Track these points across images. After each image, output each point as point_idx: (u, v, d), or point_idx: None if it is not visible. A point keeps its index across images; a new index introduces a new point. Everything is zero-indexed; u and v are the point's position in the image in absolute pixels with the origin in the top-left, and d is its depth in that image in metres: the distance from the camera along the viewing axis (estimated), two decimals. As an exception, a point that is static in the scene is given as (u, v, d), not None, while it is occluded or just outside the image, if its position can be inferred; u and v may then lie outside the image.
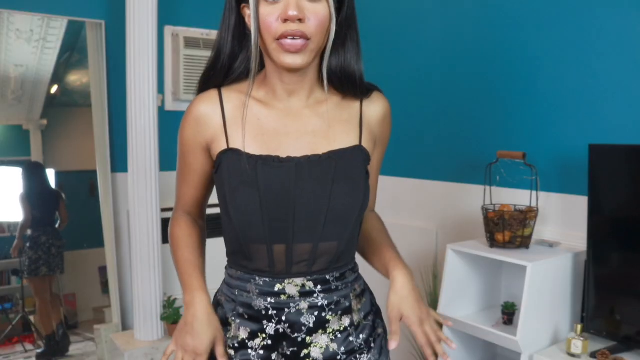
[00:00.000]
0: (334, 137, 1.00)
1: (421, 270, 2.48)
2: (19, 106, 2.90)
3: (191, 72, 3.00)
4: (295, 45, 0.91)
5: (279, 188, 0.95)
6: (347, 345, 1.01)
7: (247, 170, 0.95)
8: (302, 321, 0.99)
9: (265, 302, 0.99)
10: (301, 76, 0.98)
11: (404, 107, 2.62)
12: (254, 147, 0.98)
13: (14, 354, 2.80)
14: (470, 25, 2.31)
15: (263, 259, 0.98)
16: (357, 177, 0.99)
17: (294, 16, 0.89)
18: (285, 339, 0.99)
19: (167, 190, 3.00)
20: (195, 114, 1.02)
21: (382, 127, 1.07)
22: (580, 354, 1.64)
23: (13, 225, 2.92)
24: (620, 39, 1.82)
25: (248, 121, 0.99)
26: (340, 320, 1.01)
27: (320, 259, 0.98)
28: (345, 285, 1.03)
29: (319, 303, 0.99)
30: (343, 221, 0.98)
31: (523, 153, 1.93)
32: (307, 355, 0.99)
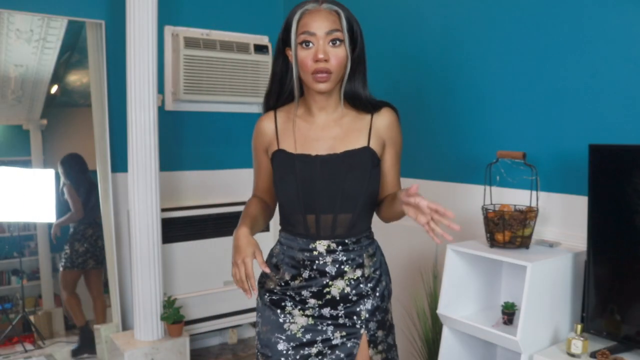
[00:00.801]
0: (348, 140, 1.40)
1: (421, 270, 2.48)
2: (19, 106, 2.89)
3: (191, 72, 3.00)
4: (323, 77, 1.33)
5: (308, 176, 1.37)
6: (358, 290, 1.40)
7: (289, 164, 1.39)
8: (326, 270, 1.39)
9: (303, 255, 1.40)
10: (327, 97, 1.41)
11: (404, 107, 2.62)
12: (294, 148, 1.41)
13: (14, 354, 2.80)
14: (470, 25, 2.31)
15: (300, 225, 1.40)
16: (363, 168, 1.38)
17: (322, 58, 1.31)
18: (315, 281, 1.39)
19: (167, 190, 3.01)
20: (259, 128, 1.48)
21: (390, 132, 1.45)
22: (580, 354, 1.64)
23: (13, 225, 2.92)
24: (620, 39, 1.82)
25: (291, 131, 1.43)
26: (354, 271, 1.40)
27: (339, 227, 1.38)
28: (360, 247, 1.42)
29: (339, 258, 1.39)
30: (353, 198, 1.37)
31: (523, 153, 1.93)
32: (328, 292, 1.39)
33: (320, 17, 1.32)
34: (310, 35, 1.32)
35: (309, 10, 1.34)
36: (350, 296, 1.40)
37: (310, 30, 1.32)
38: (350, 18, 1.36)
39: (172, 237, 2.96)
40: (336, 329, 1.40)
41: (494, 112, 2.23)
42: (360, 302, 1.41)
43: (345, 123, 1.42)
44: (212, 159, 3.27)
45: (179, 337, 2.67)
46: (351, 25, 1.35)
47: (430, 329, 2.32)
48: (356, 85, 1.41)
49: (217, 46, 3.06)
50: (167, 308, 2.66)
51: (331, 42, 1.32)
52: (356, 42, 1.37)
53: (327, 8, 1.34)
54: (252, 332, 3.48)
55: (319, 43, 1.32)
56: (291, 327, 1.40)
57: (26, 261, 2.98)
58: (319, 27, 1.31)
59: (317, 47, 1.32)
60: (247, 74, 3.17)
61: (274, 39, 3.37)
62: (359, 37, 1.38)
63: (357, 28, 1.38)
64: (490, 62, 2.23)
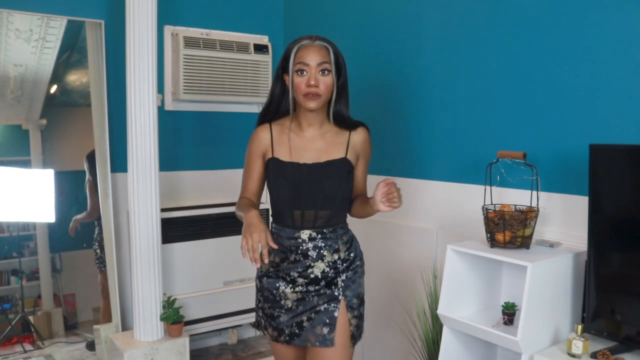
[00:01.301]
0: (330, 152, 1.74)
1: (421, 270, 2.48)
2: (18, 106, 2.89)
3: (191, 71, 3.00)
4: (313, 98, 1.66)
5: (297, 179, 1.70)
6: (336, 270, 1.75)
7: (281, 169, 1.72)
8: (309, 254, 1.73)
9: (289, 242, 1.74)
10: (315, 115, 1.73)
11: (404, 107, 2.62)
12: (286, 157, 1.73)
13: (13, 354, 2.80)
14: (470, 26, 2.31)
15: (288, 218, 1.74)
16: (340, 175, 1.73)
17: (313, 84, 1.65)
18: (299, 263, 1.73)
19: (166, 190, 3.00)
20: (258, 136, 1.78)
21: (363, 147, 1.80)
22: (581, 354, 1.64)
23: (13, 225, 2.92)
24: (620, 39, 1.82)
25: (284, 142, 1.75)
26: (332, 255, 1.74)
27: (319, 220, 1.73)
28: (336, 236, 1.75)
29: (319, 244, 1.73)
30: (331, 199, 1.72)
31: (523, 153, 1.93)
32: (311, 272, 1.73)
33: (313, 51, 1.66)
34: (305, 66, 1.65)
35: (305, 45, 1.67)
36: (329, 274, 1.74)
37: (304, 61, 1.65)
38: (337, 53, 1.69)
39: (172, 237, 2.96)
40: (320, 298, 1.73)
41: (494, 112, 2.23)
42: (337, 276, 1.75)
43: (329, 137, 1.76)
44: (212, 159, 3.26)
45: (179, 337, 2.66)
46: (337, 58, 1.69)
47: (430, 329, 2.32)
48: (341, 107, 1.75)
49: (217, 46, 3.06)
50: (167, 308, 2.66)
51: (321, 71, 1.66)
52: (341, 73, 1.71)
53: (319, 44, 1.67)
54: (252, 333, 3.48)
55: (311, 72, 1.65)
56: (286, 302, 1.75)
57: (25, 261, 2.98)
58: (311, 59, 1.65)
59: (310, 75, 1.65)
60: (246, 73, 3.17)
61: (273, 39, 3.38)
62: (343, 69, 1.72)
63: (342, 61, 1.72)
64: (491, 62, 2.23)
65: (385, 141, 2.70)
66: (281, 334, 1.76)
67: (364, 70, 2.80)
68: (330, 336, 1.70)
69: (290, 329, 1.75)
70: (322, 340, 1.70)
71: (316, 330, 1.71)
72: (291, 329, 1.75)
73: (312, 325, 1.72)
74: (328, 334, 1.70)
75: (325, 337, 1.70)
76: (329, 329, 1.70)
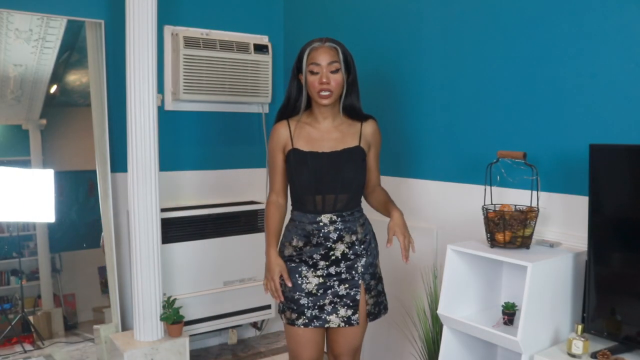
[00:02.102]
0: (345, 141, 1.93)
1: (421, 270, 2.48)
2: (18, 106, 2.89)
3: (191, 71, 3.00)
4: (326, 94, 1.86)
5: (317, 167, 1.88)
6: (354, 250, 1.93)
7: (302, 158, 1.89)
8: (330, 236, 1.90)
9: (311, 226, 1.91)
10: (329, 109, 1.92)
11: (404, 106, 2.62)
12: (305, 147, 1.91)
13: (13, 354, 2.79)
14: (470, 25, 2.31)
15: (310, 203, 1.91)
16: (356, 161, 1.92)
17: (325, 82, 1.84)
18: (321, 246, 1.91)
19: (166, 190, 3.00)
20: (277, 133, 1.95)
21: (374, 137, 1.99)
22: (581, 354, 1.64)
23: (13, 225, 2.92)
24: (620, 39, 1.82)
25: (302, 134, 1.93)
26: (350, 236, 1.92)
27: (339, 204, 1.90)
28: (354, 219, 1.93)
29: (339, 227, 1.90)
30: (349, 184, 1.90)
31: (524, 153, 1.93)
32: (333, 254, 1.91)
33: (324, 52, 1.83)
34: (317, 66, 1.83)
35: (316, 47, 1.85)
36: (349, 255, 1.91)
37: (316, 62, 1.83)
38: (345, 52, 1.87)
39: (172, 237, 2.96)
40: (341, 283, 1.91)
41: (494, 112, 2.23)
42: (357, 260, 1.92)
43: (343, 129, 1.94)
44: (212, 159, 3.26)
45: (179, 337, 2.66)
46: (346, 57, 1.87)
47: (430, 329, 2.32)
48: (353, 100, 1.94)
49: (217, 46, 3.06)
50: (167, 308, 2.66)
51: (331, 70, 1.83)
52: (350, 70, 1.90)
53: (329, 45, 1.85)
54: (252, 333, 3.48)
55: (323, 71, 1.83)
56: (307, 286, 1.90)
57: (25, 261, 2.98)
58: (322, 59, 1.83)
59: (322, 74, 1.83)
60: (247, 73, 3.17)
61: (273, 38, 3.38)
62: (352, 66, 1.90)
63: (351, 59, 1.90)
64: (491, 62, 2.23)
65: (386, 141, 2.69)
66: (300, 316, 1.91)
67: (363, 70, 2.79)
68: (355, 317, 1.91)
69: (311, 312, 1.90)
70: (348, 321, 1.91)
71: (339, 312, 1.91)
72: (312, 312, 1.90)
73: (335, 308, 1.91)
74: (352, 314, 1.91)
75: (350, 318, 1.91)
76: (353, 311, 1.91)
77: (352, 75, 1.91)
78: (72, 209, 3.03)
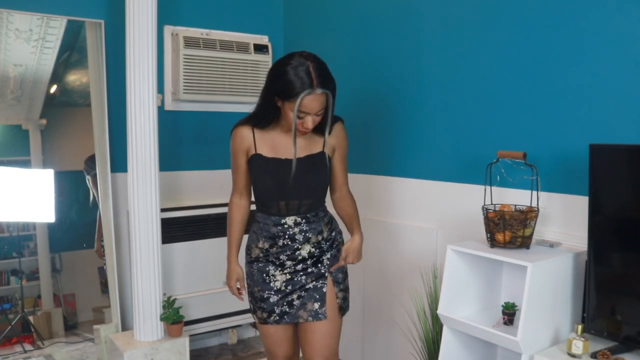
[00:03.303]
0: (310, 148, 1.89)
1: (421, 270, 2.48)
2: (18, 106, 2.89)
3: (191, 71, 3.00)
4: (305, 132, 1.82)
5: (280, 173, 1.86)
6: (320, 249, 1.93)
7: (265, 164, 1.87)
8: (296, 238, 1.90)
9: (276, 229, 1.90)
10: None
11: (404, 106, 2.62)
12: (268, 153, 1.88)
13: (13, 354, 2.80)
14: (470, 25, 2.31)
15: (274, 208, 1.90)
16: (320, 168, 1.89)
17: (308, 128, 1.80)
18: (288, 247, 1.90)
19: (166, 190, 3.00)
20: (240, 134, 1.93)
21: (337, 139, 1.94)
22: (581, 354, 1.64)
23: (13, 225, 2.92)
24: (620, 39, 1.82)
25: (266, 140, 1.89)
26: (316, 236, 1.92)
27: (303, 207, 1.89)
28: (318, 219, 1.93)
29: (304, 228, 1.90)
30: (313, 190, 1.90)
31: (524, 153, 1.93)
32: (299, 254, 1.91)
33: (316, 101, 1.75)
34: (306, 114, 1.78)
35: (309, 94, 1.74)
36: (315, 253, 1.92)
37: (306, 110, 1.77)
38: (332, 92, 1.79)
39: (172, 237, 2.96)
40: (308, 277, 1.91)
41: (494, 112, 2.23)
42: (322, 254, 1.93)
43: (307, 135, 1.88)
44: (212, 159, 3.26)
45: (179, 337, 2.66)
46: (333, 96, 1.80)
47: (430, 329, 2.32)
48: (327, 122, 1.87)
49: (217, 46, 3.06)
50: (167, 308, 2.66)
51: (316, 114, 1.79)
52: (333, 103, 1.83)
53: (320, 92, 1.75)
54: (252, 333, 3.48)
55: (309, 118, 1.78)
56: (276, 284, 1.92)
57: (25, 261, 2.98)
58: (312, 108, 1.77)
59: (308, 120, 1.78)
60: (246, 73, 3.17)
61: (273, 39, 3.38)
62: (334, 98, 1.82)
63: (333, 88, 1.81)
64: (491, 62, 2.23)
65: (386, 141, 2.70)
66: (271, 314, 1.93)
67: (363, 70, 2.80)
68: (322, 310, 1.89)
69: (281, 308, 1.91)
70: (315, 315, 1.89)
71: (307, 306, 1.90)
72: (281, 308, 1.91)
73: (303, 302, 1.90)
74: (319, 308, 1.89)
75: (317, 312, 1.89)
76: (320, 304, 1.89)
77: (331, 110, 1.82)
78: (72, 209, 3.04)
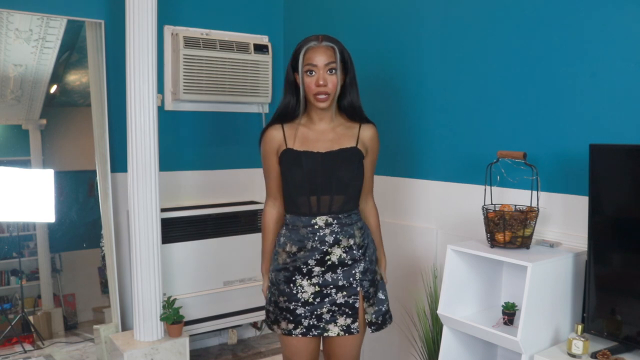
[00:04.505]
0: (341, 142, 1.83)
1: (421, 270, 2.48)
2: (18, 106, 2.89)
3: (191, 71, 3.00)
4: (323, 98, 1.77)
5: (312, 167, 1.79)
6: (351, 255, 1.82)
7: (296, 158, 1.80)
8: (326, 240, 1.79)
9: (305, 229, 1.81)
10: (325, 111, 1.83)
11: (404, 106, 2.62)
12: (300, 147, 1.82)
13: (13, 354, 2.79)
14: (470, 25, 2.31)
15: (305, 205, 1.81)
16: (353, 162, 1.82)
17: (322, 84, 1.75)
18: (316, 250, 1.80)
19: (166, 190, 3.00)
20: (269, 135, 1.87)
21: (371, 143, 1.89)
22: (581, 354, 1.64)
23: (13, 225, 2.92)
24: (620, 39, 1.82)
25: (297, 135, 1.84)
26: (347, 240, 1.81)
27: (334, 205, 1.80)
28: (351, 222, 1.83)
29: (335, 229, 1.80)
30: (345, 184, 1.80)
31: (524, 153, 1.93)
32: (329, 259, 1.80)
33: (320, 52, 1.75)
34: (313, 67, 1.75)
35: (312, 47, 1.76)
36: (346, 260, 1.81)
37: (313, 62, 1.75)
38: (342, 51, 1.78)
39: (172, 237, 2.96)
40: (338, 291, 1.81)
41: (494, 112, 2.23)
42: (354, 265, 1.82)
43: (339, 130, 1.85)
44: (212, 159, 3.26)
45: (179, 337, 2.66)
46: (343, 56, 1.78)
47: (430, 329, 2.32)
48: (352, 99, 1.85)
49: (217, 46, 3.06)
50: (167, 308, 2.66)
51: (328, 70, 1.75)
52: (348, 69, 1.81)
53: (325, 45, 1.76)
54: (252, 333, 3.48)
55: (320, 72, 1.75)
56: (303, 295, 1.82)
57: (25, 261, 2.98)
58: (319, 60, 1.74)
59: (319, 75, 1.75)
60: (246, 73, 3.17)
61: (273, 39, 3.38)
62: (350, 65, 1.81)
63: (348, 58, 1.81)
64: (491, 62, 2.23)
65: (386, 141, 2.69)
66: (297, 326, 1.83)
67: (363, 70, 2.79)
68: (354, 325, 1.83)
69: (309, 321, 1.82)
70: (347, 329, 1.83)
71: (339, 321, 1.82)
72: (309, 321, 1.82)
73: (333, 317, 1.82)
74: (352, 323, 1.83)
75: (349, 327, 1.83)
76: (352, 319, 1.82)
77: (350, 74, 1.82)
78: (72, 209, 3.04)
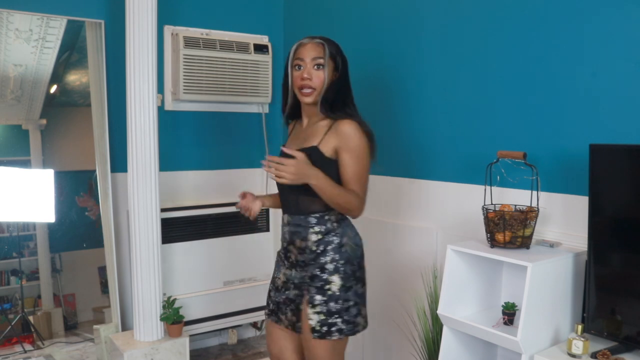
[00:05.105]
0: (308, 141, 1.80)
1: (421, 270, 2.48)
2: (18, 106, 2.89)
3: (191, 71, 2.99)
4: (308, 92, 1.79)
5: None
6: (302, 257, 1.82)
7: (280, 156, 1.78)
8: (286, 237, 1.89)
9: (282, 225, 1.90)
10: (311, 107, 1.84)
11: (404, 107, 2.62)
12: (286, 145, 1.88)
13: (13, 354, 2.80)
14: (470, 26, 2.31)
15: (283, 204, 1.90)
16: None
17: (306, 77, 1.77)
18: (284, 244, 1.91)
19: (166, 190, 3.00)
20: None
21: (341, 138, 1.76)
22: (581, 354, 1.64)
23: (13, 225, 2.92)
24: (620, 39, 1.82)
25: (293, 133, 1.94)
26: (300, 242, 1.82)
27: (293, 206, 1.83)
28: (307, 224, 1.81)
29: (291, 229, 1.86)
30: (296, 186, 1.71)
31: (524, 153, 1.93)
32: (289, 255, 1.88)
33: (309, 48, 1.79)
34: (301, 61, 1.79)
35: (303, 43, 1.81)
36: (299, 261, 1.84)
37: (300, 57, 1.79)
38: (332, 49, 1.80)
39: (171, 237, 2.96)
40: (294, 287, 1.86)
41: (494, 112, 2.23)
42: (306, 268, 1.82)
43: (313, 128, 1.82)
44: (212, 159, 3.26)
45: (179, 337, 2.66)
46: (333, 54, 1.80)
47: (430, 329, 2.32)
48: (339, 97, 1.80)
49: (217, 46, 3.06)
50: (167, 308, 2.66)
51: (315, 66, 1.77)
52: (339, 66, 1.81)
53: (316, 42, 1.80)
54: (252, 333, 3.48)
55: (307, 67, 1.78)
56: (277, 282, 1.94)
57: (25, 261, 2.99)
58: (307, 55, 1.78)
59: (304, 69, 1.78)
60: (246, 73, 3.17)
61: (273, 39, 3.38)
62: (340, 64, 1.81)
63: (339, 57, 1.81)
64: (491, 62, 2.23)
65: (386, 142, 2.69)
66: (267, 307, 1.98)
67: (364, 70, 2.79)
68: (298, 324, 1.84)
69: (273, 305, 1.94)
70: (292, 325, 1.87)
71: (287, 314, 1.89)
72: (273, 306, 1.94)
73: (285, 310, 1.89)
74: (296, 322, 1.85)
75: (294, 323, 1.86)
76: (296, 318, 1.85)
77: (340, 72, 1.81)
78: (72, 209, 3.04)
